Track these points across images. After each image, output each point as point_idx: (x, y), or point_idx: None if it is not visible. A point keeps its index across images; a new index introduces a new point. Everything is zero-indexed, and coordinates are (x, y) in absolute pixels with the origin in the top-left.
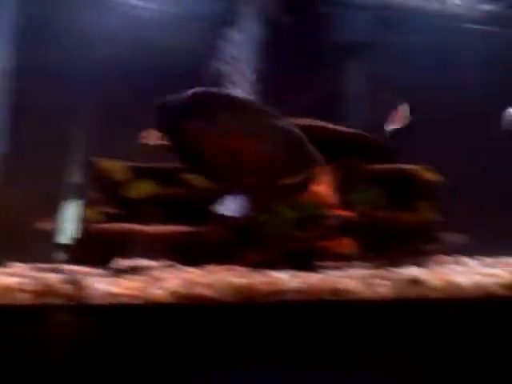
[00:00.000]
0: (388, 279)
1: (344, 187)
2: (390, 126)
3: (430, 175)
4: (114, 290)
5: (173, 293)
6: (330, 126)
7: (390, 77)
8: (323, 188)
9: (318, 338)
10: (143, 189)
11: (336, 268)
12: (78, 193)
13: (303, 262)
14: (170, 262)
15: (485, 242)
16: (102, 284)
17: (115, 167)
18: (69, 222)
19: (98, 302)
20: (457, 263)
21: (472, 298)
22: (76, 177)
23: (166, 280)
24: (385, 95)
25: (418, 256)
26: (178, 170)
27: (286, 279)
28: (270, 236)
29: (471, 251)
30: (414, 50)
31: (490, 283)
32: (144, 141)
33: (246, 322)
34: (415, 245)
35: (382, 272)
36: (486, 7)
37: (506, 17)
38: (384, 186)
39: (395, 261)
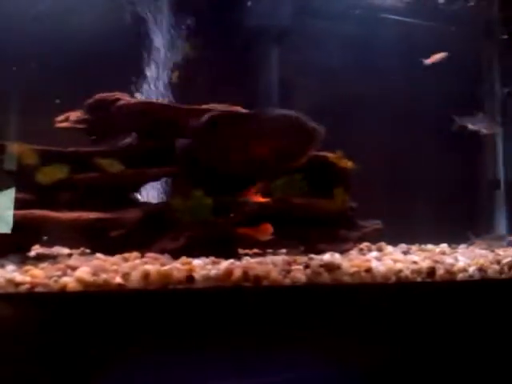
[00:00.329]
0: (304, 265)
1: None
2: None
3: (345, 162)
4: (18, 278)
5: (80, 280)
6: (246, 111)
7: (307, 63)
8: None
9: (231, 324)
10: (52, 174)
11: (253, 254)
12: None
13: (219, 248)
14: (85, 250)
15: (405, 229)
16: (6, 272)
17: (23, 151)
18: None
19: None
20: (376, 249)
21: (385, 283)
22: None
23: (77, 268)
24: (302, 82)
25: (337, 242)
26: (91, 154)
27: (201, 266)
28: (185, 222)
29: (392, 238)
30: (331, 37)
31: (404, 268)
32: (59, 125)
33: (157, 308)
34: (334, 231)
35: (299, 258)
36: None
37: (424, 8)
38: (302, 172)
39: (313, 247)
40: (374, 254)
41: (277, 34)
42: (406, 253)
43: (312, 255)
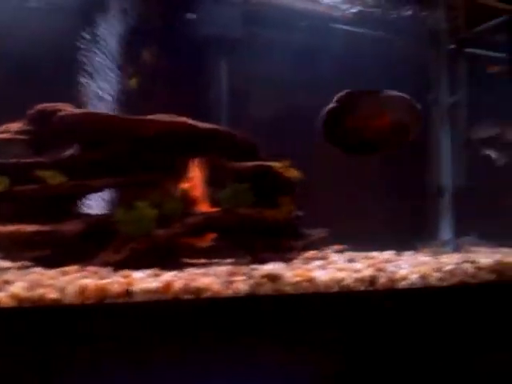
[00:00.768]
0: (247, 276)
1: (211, 184)
2: None
3: (292, 172)
4: None
5: (15, 296)
6: (192, 121)
7: (254, 72)
8: (191, 184)
9: (170, 337)
10: None
11: (197, 265)
12: None
13: (162, 260)
14: (25, 263)
15: (352, 237)
16: None
17: None
18: None
19: None
20: (322, 258)
21: (326, 292)
22: None
23: (13, 282)
24: (252, 91)
25: (282, 252)
26: (32, 165)
27: (142, 279)
28: (128, 234)
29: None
30: (279, 47)
31: (346, 277)
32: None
33: (94, 324)
34: (280, 241)
35: (242, 269)
36: (354, 9)
37: (371, 18)
38: (249, 182)
39: (259, 257)
40: (319, 262)
41: (226, 44)
42: (351, 261)
43: (256, 265)
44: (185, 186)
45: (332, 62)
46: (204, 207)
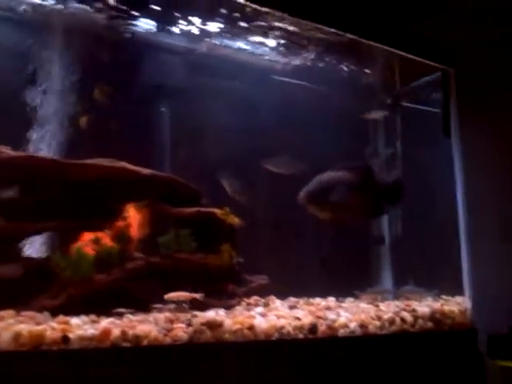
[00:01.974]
0: (186, 323)
1: (152, 229)
2: None
3: (232, 218)
4: None
5: None
6: (133, 166)
7: (195, 120)
8: (130, 228)
9: None
10: None
11: (136, 311)
12: None
13: (102, 306)
14: None
15: (295, 283)
16: None
17: None
18: None
19: None
20: (263, 304)
21: (266, 340)
22: None
23: None
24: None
25: (223, 298)
26: None
27: (79, 325)
28: (66, 279)
29: (282, 291)
30: (221, 96)
31: (286, 325)
32: None
33: (29, 372)
34: (222, 287)
35: (182, 315)
36: (295, 62)
37: (310, 71)
38: (190, 228)
39: (200, 304)
40: (260, 309)
41: (170, 91)
42: (292, 307)
43: (196, 312)
44: (124, 230)
45: (271, 111)
46: (140, 252)
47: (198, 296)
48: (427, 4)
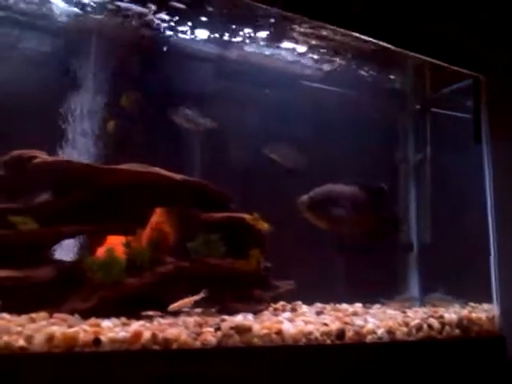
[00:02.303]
0: (215, 327)
1: (182, 234)
2: None
3: (262, 224)
4: None
5: None
6: (165, 172)
7: (230, 128)
8: (163, 233)
9: None
10: None
11: (166, 315)
12: None
13: (132, 309)
14: None
15: (322, 288)
16: None
17: None
18: None
19: None
20: (291, 310)
21: (294, 345)
22: None
23: None
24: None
25: (251, 303)
26: (5, 211)
27: (110, 328)
28: (98, 282)
29: (309, 296)
30: (252, 101)
31: (314, 330)
32: None
33: (61, 373)
34: (250, 292)
35: (210, 319)
36: (326, 67)
37: (341, 77)
38: (220, 233)
39: (228, 308)
40: (287, 314)
41: (199, 98)
42: (319, 313)
43: (225, 316)
44: (155, 234)
45: (302, 117)
46: (172, 257)
47: (198, 297)
48: (459, 12)
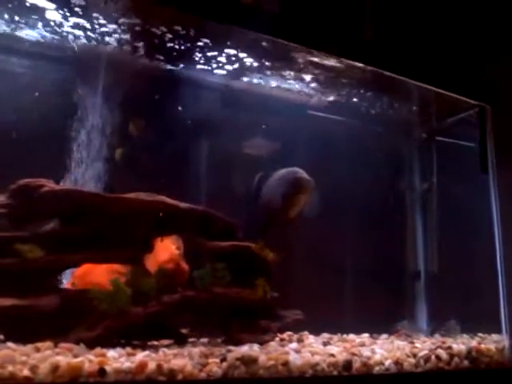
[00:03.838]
0: (221, 358)
1: (188, 263)
2: None
3: (267, 253)
4: None
5: None
6: (171, 200)
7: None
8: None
9: None
10: None
11: (171, 344)
12: None
13: (137, 339)
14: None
15: (329, 318)
16: None
17: None
18: None
19: None
20: (297, 340)
21: (300, 377)
22: None
23: None
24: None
25: (257, 333)
26: (11, 239)
27: (115, 358)
28: (103, 311)
29: (316, 327)
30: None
31: (321, 361)
32: None
33: None
34: (255, 322)
35: (216, 350)
36: (331, 98)
37: (345, 107)
38: (226, 262)
39: (234, 338)
40: (294, 345)
41: (206, 126)
42: (326, 343)
43: (231, 346)
44: (162, 263)
45: (307, 145)
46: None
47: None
48: (464, 42)
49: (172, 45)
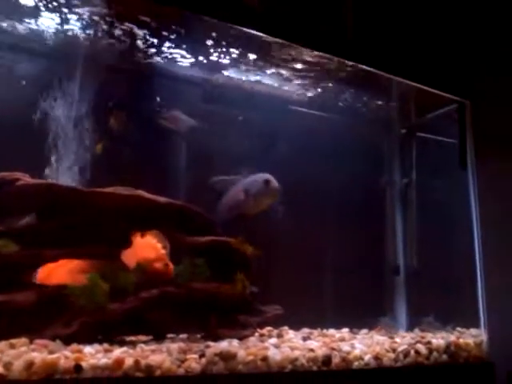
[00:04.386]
0: (199, 353)
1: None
2: None
3: (247, 248)
4: None
5: None
6: (149, 195)
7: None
8: (167, 267)
9: None
10: None
11: (150, 341)
12: None
13: (114, 334)
14: None
15: (309, 313)
16: None
17: None
18: None
19: None
20: (277, 335)
21: (279, 372)
22: None
23: None
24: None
25: (237, 328)
26: None
27: (92, 354)
28: (79, 307)
29: (296, 322)
30: (237, 125)
31: (300, 357)
32: None
33: None
34: (234, 317)
35: (195, 346)
36: (310, 93)
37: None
38: (205, 257)
39: (213, 333)
40: (273, 340)
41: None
42: (306, 338)
43: (210, 342)
44: (148, 261)
45: (285, 140)
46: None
47: None
48: (444, 37)
49: None
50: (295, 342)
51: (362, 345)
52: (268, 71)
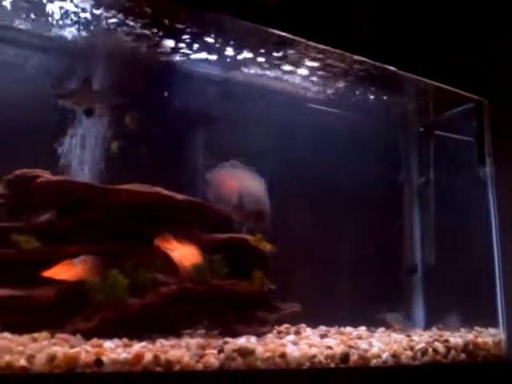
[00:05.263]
0: (218, 349)
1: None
2: None
3: (265, 245)
4: None
5: None
6: (167, 192)
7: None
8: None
9: None
10: None
11: (168, 337)
12: None
13: (134, 329)
14: None
15: (326, 311)
16: None
17: None
18: None
19: None
20: (294, 332)
21: (298, 369)
22: None
23: None
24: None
25: (254, 325)
26: (7, 229)
27: (112, 348)
28: (100, 302)
29: (313, 319)
30: (254, 123)
31: (318, 354)
32: None
33: None
34: (252, 313)
35: (213, 341)
36: (329, 91)
37: (342, 100)
38: (223, 254)
39: (231, 330)
40: (291, 337)
41: (206, 119)
42: (323, 336)
43: (228, 338)
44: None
45: (304, 138)
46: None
47: None
48: (462, 35)
49: None
50: (313, 340)
51: (379, 343)
52: (285, 68)
